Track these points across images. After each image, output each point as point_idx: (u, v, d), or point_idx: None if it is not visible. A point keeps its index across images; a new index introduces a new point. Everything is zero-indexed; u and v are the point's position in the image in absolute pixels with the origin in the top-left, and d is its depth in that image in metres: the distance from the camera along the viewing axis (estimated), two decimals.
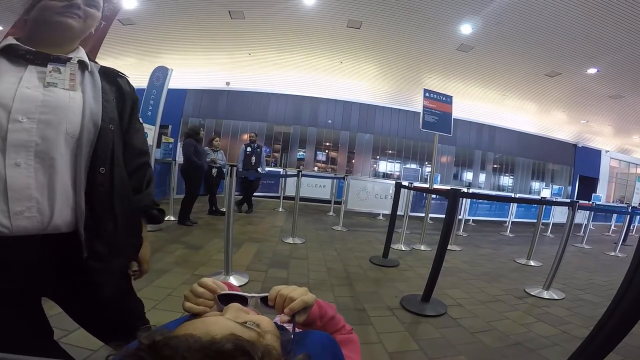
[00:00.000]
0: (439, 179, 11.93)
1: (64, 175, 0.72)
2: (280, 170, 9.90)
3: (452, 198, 2.62)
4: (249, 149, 6.36)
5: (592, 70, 8.48)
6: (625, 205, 7.73)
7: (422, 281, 3.12)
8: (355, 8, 7.52)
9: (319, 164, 12.82)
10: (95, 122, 0.76)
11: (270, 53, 10.53)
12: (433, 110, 4.84)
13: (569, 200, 3.59)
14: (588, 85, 9.41)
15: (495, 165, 13.97)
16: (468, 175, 13.60)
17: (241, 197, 6.55)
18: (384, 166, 13.20)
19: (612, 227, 9.45)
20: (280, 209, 7.29)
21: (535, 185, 14.83)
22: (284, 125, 12.46)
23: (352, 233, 5.51)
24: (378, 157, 12.97)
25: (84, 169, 0.74)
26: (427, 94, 4.83)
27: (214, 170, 5.50)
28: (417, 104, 11.83)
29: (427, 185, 7.94)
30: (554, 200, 7.53)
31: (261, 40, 9.70)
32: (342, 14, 7.85)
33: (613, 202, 15.25)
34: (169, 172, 5.76)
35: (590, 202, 10.29)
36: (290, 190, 8.07)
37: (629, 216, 6.61)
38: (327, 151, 12.91)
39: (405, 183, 4.90)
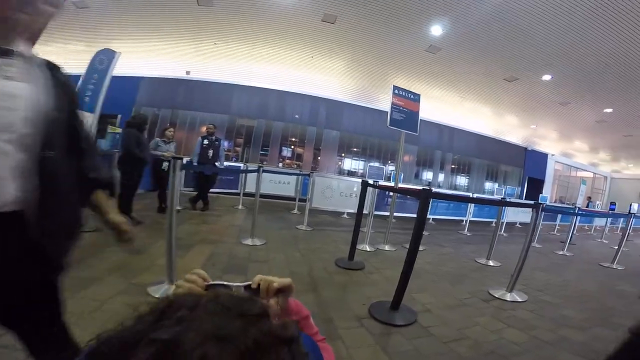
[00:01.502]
0: (402, 177, 12.08)
1: (14, 159, 0.77)
2: (241, 165, 9.39)
3: (424, 199, 2.45)
4: (205, 141, 5.87)
5: (546, 77, 8.98)
6: (575, 206, 8.25)
7: (389, 285, 2.97)
8: (332, 2, 7.26)
9: (284, 160, 12.42)
10: (42, 110, 0.81)
11: (239, 44, 9.97)
12: (401, 108, 4.73)
13: (533, 202, 3.62)
14: (541, 92, 9.99)
15: (453, 166, 14.50)
16: (428, 175, 13.96)
17: (196, 193, 6.02)
18: (349, 164, 13.12)
19: (557, 227, 10.12)
20: (240, 207, 6.84)
21: (489, 185, 15.64)
22: (247, 119, 11.87)
23: (317, 232, 5.26)
24: (344, 154, 12.85)
25: (33, 154, 0.79)
26: (396, 91, 4.71)
27: (165, 164, 4.94)
28: (382, 103, 11.93)
29: (390, 184, 7.94)
30: (522, 202, 7.85)
31: (230, 30, 9.15)
32: (318, 8, 7.56)
33: (555, 202, 16.57)
34: (111, 164, 5.10)
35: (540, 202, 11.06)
36: (251, 187, 7.64)
37: (577, 217, 7.03)
38: (293, 147, 12.54)
39: (370, 181, 4.73)
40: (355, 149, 13.02)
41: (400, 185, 7.98)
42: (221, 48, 10.34)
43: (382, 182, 6.90)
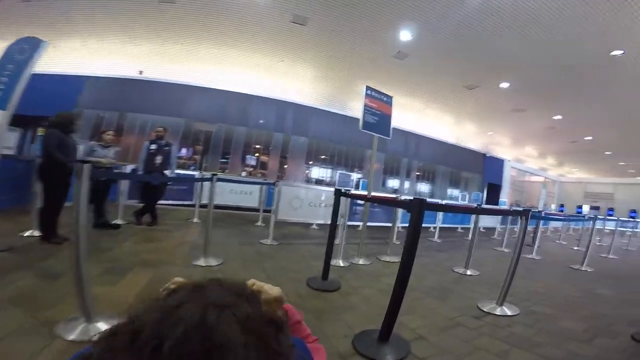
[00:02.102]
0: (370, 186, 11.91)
1: None
2: (196, 173, 8.56)
3: (417, 210, 2.02)
4: (153, 146, 5.13)
5: (504, 85, 9.28)
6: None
7: (370, 308, 2.59)
8: (303, 2, 6.88)
9: (247, 168, 11.68)
10: None
11: (203, 45, 9.29)
12: (374, 110, 4.41)
13: (522, 209, 3.39)
14: (498, 99, 10.35)
15: (418, 173, 14.63)
16: (395, 183, 13.91)
17: (142, 205, 5.23)
18: (317, 172, 12.68)
19: (515, 229, 10.38)
20: (196, 220, 6.10)
21: (452, 192, 15.99)
22: (206, 123, 11.00)
23: (284, 247, 4.70)
24: (312, 162, 12.38)
25: None
26: (368, 92, 4.38)
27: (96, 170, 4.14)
28: (352, 109, 11.78)
29: (361, 193, 7.61)
30: (510, 209, 7.85)
31: (193, 29, 8.49)
32: (288, 8, 7.14)
33: (511, 206, 17.37)
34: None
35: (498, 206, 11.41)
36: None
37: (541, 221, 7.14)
38: (257, 154, 11.85)
39: (343, 190, 4.31)
40: (323, 157, 12.62)
41: (361, 192, 7.70)
42: (183, 48, 9.58)
43: (353, 191, 6.53)
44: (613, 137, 12.93)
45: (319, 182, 12.31)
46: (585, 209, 19.77)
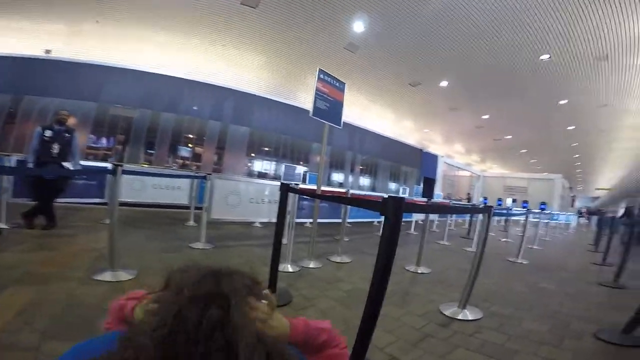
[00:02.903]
0: (315, 180, 11.57)
1: None
2: (109, 166, 7.26)
3: (394, 212, 1.57)
4: (48, 132, 4.03)
5: (444, 83, 9.60)
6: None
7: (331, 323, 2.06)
8: None
9: (178, 160, 10.40)
10: None
11: (130, 23, 7.85)
12: (326, 96, 3.96)
13: (484, 207, 3.25)
14: (437, 97, 10.76)
15: (362, 167, 14.72)
16: (339, 177, 13.77)
17: (34, 204, 4.09)
18: (259, 165, 11.84)
19: (436, 222, 10.81)
20: (108, 221, 5.02)
21: (393, 186, 16.51)
22: (126, 108, 9.45)
23: (220, 251, 4.01)
24: (254, 154, 11.51)
25: None
26: (322, 75, 3.93)
27: None
28: (298, 99, 11.25)
29: (309, 187, 7.16)
30: (478, 207, 7.96)
31: (120, 6, 7.04)
32: None
33: (444, 199, 18.62)
34: None
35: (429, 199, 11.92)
36: (129, 195, 5.84)
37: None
38: (190, 145, 10.60)
39: (291, 184, 3.80)
40: (266, 148, 11.82)
41: (311, 187, 7.27)
42: (104, 27, 8.08)
43: (300, 185, 6.03)
44: (529, 137, 14.50)
45: (261, 175, 11.53)
46: (507, 201, 22.15)
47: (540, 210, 12.88)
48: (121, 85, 9.15)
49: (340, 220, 6.92)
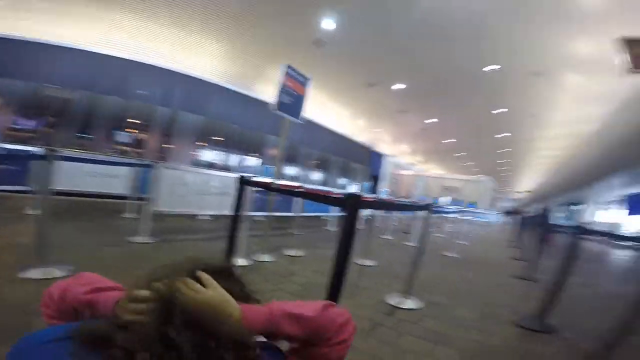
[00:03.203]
0: (270, 172, 11.43)
1: None
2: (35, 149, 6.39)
3: (352, 209, 1.64)
4: None
5: (399, 86, 10.07)
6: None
7: None
8: None
9: (119, 146, 9.47)
10: None
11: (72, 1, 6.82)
12: (290, 91, 3.96)
13: (425, 204, 3.48)
14: (391, 99, 11.25)
15: (315, 162, 14.88)
16: (292, 170, 13.76)
17: None
18: (209, 155, 11.27)
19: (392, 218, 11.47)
20: (32, 211, 4.43)
21: (342, 181, 16.97)
22: (59, 89, 8.32)
23: (164, 246, 3.77)
24: (204, 143, 10.92)
25: None
26: (289, 71, 3.92)
27: None
28: (256, 91, 10.92)
29: (263, 180, 7.04)
30: (423, 205, 8.21)
31: None
32: None
33: (389, 196, 19.65)
34: None
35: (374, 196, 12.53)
36: (60, 183, 5.19)
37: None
38: (132, 130, 9.70)
39: (245, 177, 3.70)
40: (218, 138, 11.28)
41: (266, 180, 7.17)
42: (41, 1, 6.98)
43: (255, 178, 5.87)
44: (467, 141, 15.91)
45: (210, 166, 11.02)
46: (444, 200, 24.07)
47: (470, 209, 14.26)
48: (57, 65, 8.01)
49: (292, 214, 6.96)
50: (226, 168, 10.50)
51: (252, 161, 11.12)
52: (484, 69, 7.79)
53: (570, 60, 6.39)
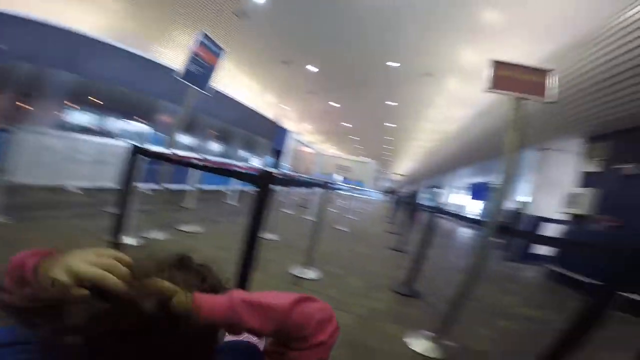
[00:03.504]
0: (161, 142, 10.21)
1: None
2: None
3: (264, 187, 1.73)
4: None
5: (313, 68, 10.18)
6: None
7: None
8: None
9: None
10: None
11: None
12: (201, 61, 3.64)
13: (322, 182, 3.75)
14: (301, 78, 11.31)
15: (216, 133, 13.94)
16: (188, 140, 12.55)
17: None
18: (86, 118, 9.26)
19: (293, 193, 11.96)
20: None
21: (244, 154, 16.48)
22: None
23: (24, 226, 3.09)
24: (80, 105, 8.88)
25: None
26: (204, 40, 3.61)
27: None
28: (153, 52, 9.49)
29: (157, 149, 6.30)
30: (322, 182, 8.23)
31: None
32: None
33: (291, 171, 20.17)
34: None
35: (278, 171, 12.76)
36: None
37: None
38: None
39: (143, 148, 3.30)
40: (96, 100, 9.31)
41: (158, 149, 6.42)
42: None
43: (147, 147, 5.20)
44: (360, 127, 17.45)
45: (86, 131, 9.13)
46: (338, 178, 26.11)
47: (359, 187, 16.02)
48: None
49: (188, 187, 6.48)
50: (105, 134, 8.92)
51: (140, 128, 9.74)
52: (386, 63, 8.56)
53: (453, 66, 7.63)
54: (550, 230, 6.14)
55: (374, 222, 10.34)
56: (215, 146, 14.15)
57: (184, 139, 12.27)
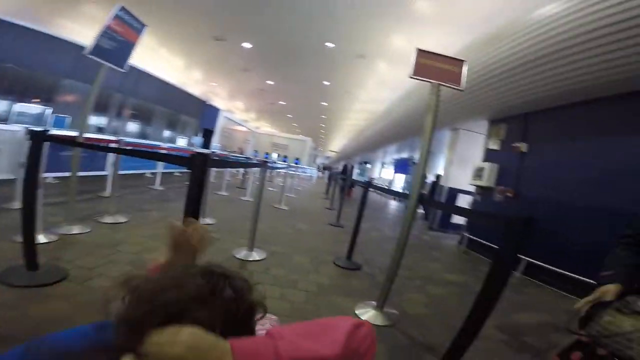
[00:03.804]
0: (68, 124, 8.89)
1: None
2: None
3: (199, 169, 1.68)
4: None
5: (247, 45, 9.57)
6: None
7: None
8: None
9: None
10: None
11: None
12: (116, 36, 3.25)
13: (259, 162, 3.76)
14: (235, 56, 10.61)
15: (134, 112, 12.43)
16: (101, 121, 10.97)
17: None
18: None
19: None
20: None
21: (168, 134, 15.19)
22: None
23: None
24: None
25: None
26: (121, 13, 3.22)
27: None
28: (56, 26, 8.04)
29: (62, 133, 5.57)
30: (257, 161, 7.79)
31: None
32: None
33: (222, 150, 19.29)
34: None
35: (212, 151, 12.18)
36: None
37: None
38: None
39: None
40: None
41: (66, 132, 5.60)
42: None
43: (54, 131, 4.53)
44: (296, 105, 17.34)
45: None
46: (274, 156, 25.83)
47: (295, 165, 16.16)
48: None
49: (106, 173, 5.83)
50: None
51: (35, 109, 8.32)
52: (326, 44, 8.53)
53: (385, 50, 7.95)
54: (462, 201, 7.14)
55: (312, 199, 10.64)
56: (134, 127, 12.69)
57: (97, 120, 10.76)
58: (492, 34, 4.92)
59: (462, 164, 7.53)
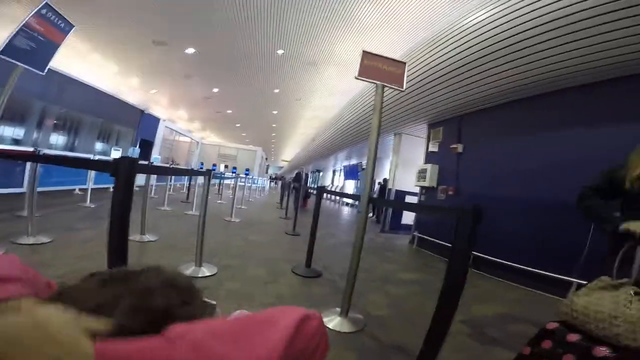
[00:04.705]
0: None
1: None
2: None
3: (126, 175, 1.51)
4: None
5: (190, 50, 9.02)
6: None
7: None
8: None
9: None
10: None
11: None
12: (37, 36, 2.85)
13: (205, 170, 3.59)
14: (177, 62, 9.97)
15: (57, 122, 11.07)
16: (18, 132, 9.57)
17: None
18: None
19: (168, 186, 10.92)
20: None
21: (100, 145, 13.82)
22: None
23: None
24: None
25: None
26: (44, 11, 2.82)
27: None
28: None
29: None
30: (201, 171, 7.24)
31: None
32: None
33: (167, 162, 18.06)
34: None
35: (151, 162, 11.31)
36: None
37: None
38: None
39: None
40: None
41: None
42: None
43: None
44: (245, 114, 16.93)
45: None
46: (222, 168, 24.77)
47: (245, 176, 15.70)
48: None
49: (23, 190, 5.15)
50: None
51: None
52: (277, 51, 8.43)
53: (334, 57, 8.11)
54: (410, 201, 7.51)
55: (266, 210, 10.47)
56: (59, 138, 11.31)
57: (13, 131, 9.38)
58: (430, 40, 5.28)
59: (407, 167, 7.93)
